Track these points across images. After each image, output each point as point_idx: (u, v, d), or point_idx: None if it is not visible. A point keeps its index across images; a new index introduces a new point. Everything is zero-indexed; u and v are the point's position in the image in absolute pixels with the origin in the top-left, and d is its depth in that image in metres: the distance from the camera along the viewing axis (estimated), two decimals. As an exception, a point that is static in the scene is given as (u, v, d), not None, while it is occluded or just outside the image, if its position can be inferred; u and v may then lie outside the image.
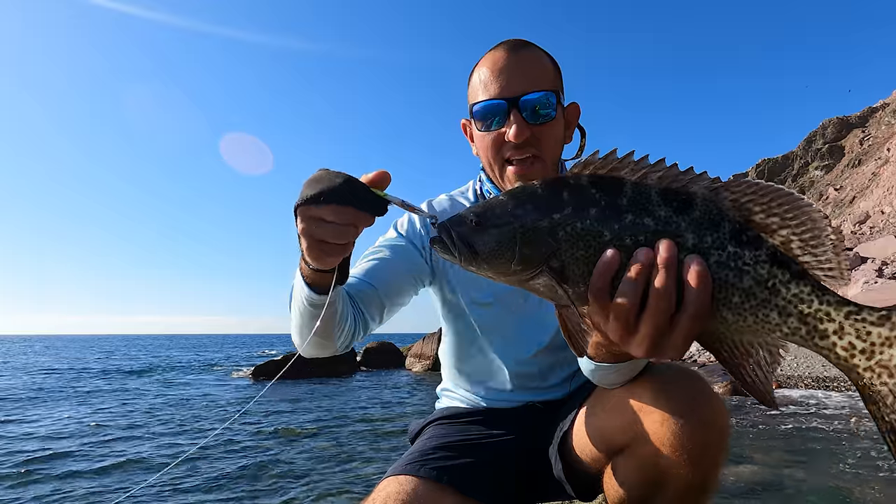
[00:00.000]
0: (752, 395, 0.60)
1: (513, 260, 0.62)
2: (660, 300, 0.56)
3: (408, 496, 0.98)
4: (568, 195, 0.60)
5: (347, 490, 4.55)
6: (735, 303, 0.57)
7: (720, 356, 0.61)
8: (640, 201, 0.59)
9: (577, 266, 0.60)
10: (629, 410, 0.94)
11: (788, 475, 4.65)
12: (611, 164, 0.61)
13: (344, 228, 0.73)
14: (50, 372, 18.28)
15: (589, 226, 0.59)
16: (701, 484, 0.89)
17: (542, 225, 0.61)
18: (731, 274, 0.57)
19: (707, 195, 0.58)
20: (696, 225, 0.57)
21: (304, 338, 0.98)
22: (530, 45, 1.13)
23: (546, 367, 1.24)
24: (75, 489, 4.58)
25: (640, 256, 0.57)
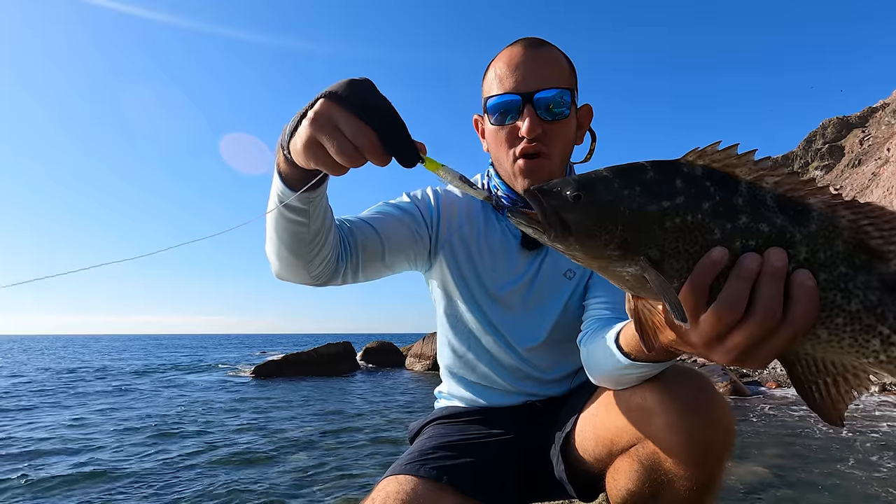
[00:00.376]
0: (816, 412, 0.58)
1: (611, 244, 0.57)
2: (765, 312, 0.53)
3: (407, 496, 0.98)
4: (681, 183, 0.56)
5: (347, 490, 4.55)
6: (836, 324, 0.54)
7: (793, 370, 0.58)
8: (755, 204, 0.55)
9: (678, 261, 0.56)
10: (634, 410, 0.94)
11: (788, 475, 4.65)
12: (729, 158, 0.56)
13: (354, 152, 0.66)
14: (56, 372, 18.29)
15: (700, 220, 0.55)
16: (706, 484, 0.89)
17: (651, 210, 0.56)
18: (839, 295, 0.54)
19: (824, 210, 0.55)
20: (811, 239, 0.54)
21: (276, 252, 0.92)
22: (548, 44, 1.13)
23: (546, 362, 1.24)
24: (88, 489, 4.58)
25: (750, 262, 0.54)
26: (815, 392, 0.57)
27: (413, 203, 1.22)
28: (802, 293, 0.53)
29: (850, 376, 0.57)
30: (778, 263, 0.53)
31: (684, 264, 0.56)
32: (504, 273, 1.22)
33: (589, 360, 1.03)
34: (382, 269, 1.13)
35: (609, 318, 1.07)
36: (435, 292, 1.32)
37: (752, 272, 0.54)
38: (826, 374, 0.57)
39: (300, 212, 0.84)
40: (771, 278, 0.53)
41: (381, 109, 0.66)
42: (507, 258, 1.22)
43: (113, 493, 4.49)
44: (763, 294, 0.53)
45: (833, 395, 0.57)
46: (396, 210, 1.17)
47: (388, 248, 1.10)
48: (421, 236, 1.19)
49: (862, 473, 4.67)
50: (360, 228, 1.06)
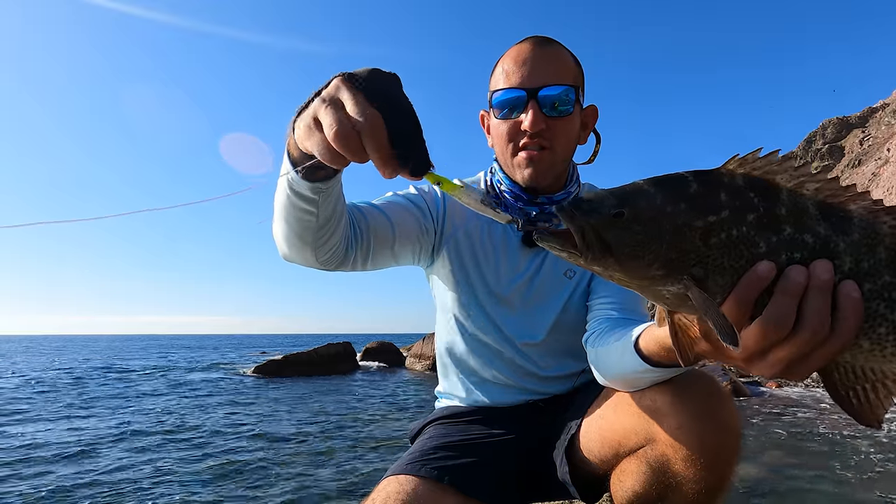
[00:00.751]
0: (853, 417, 0.56)
1: (654, 263, 0.54)
2: (813, 328, 0.51)
3: (408, 496, 0.97)
4: (725, 196, 0.53)
5: (347, 489, 4.55)
6: (879, 333, 0.53)
7: (830, 378, 0.57)
8: (798, 213, 0.53)
9: (723, 277, 0.54)
10: (643, 412, 0.93)
11: (789, 475, 4.65)
12: (769, 165, 0.54)
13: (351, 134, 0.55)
14: (67, 371, 18.29)
15: (746, 234, 0.53)
16: (714, 488, 0.88)
17: (697, 226, 0.53)
18: (882, 304, 0.53)
19: (866, 217, 0.53)
20: (854, 248, 0.53)
21: (284, 236, 0.89)
22: (556, 43, 1.14)
23: (546, 360, 1.23)
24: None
25: (797, 276, 0.51)
26: (853, 398, 0.56)
27: (421, 196, 1.21)
28: (849, 305, 0.51)
29: (890, 382, 0.55)
30: (825, 276, 0.51)
31: (729, 280, 0.54)
32: (505, 270, 1.21)
33: (599, 361, 1.02)
34: (390, 258, 1.12)
35: (617, 319, 1.06)
36: (435, 288, 1.31)
37: (799, 286, 0.51)
38: (865, 381, 0.56)
39: (309, 201, 0.79)
40: (818, 292, 0.51)
41: (397, 101, 0.58)
42: (508, 255, 1.21)
43: (111, 493, 4.49)
44: (811, 309, 0.51)
45: (872, 401, 0.55)
46: (405, 200, 1.17)
47: (399, 235, 1.09)
48: (427, 230, 1.18)
49: (862, 474, 4.66)
50: (371, 214, 1.05)
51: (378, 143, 0.56)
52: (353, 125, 0.56)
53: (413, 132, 0.59)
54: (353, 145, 0.56)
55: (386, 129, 0.56)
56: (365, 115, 0.55)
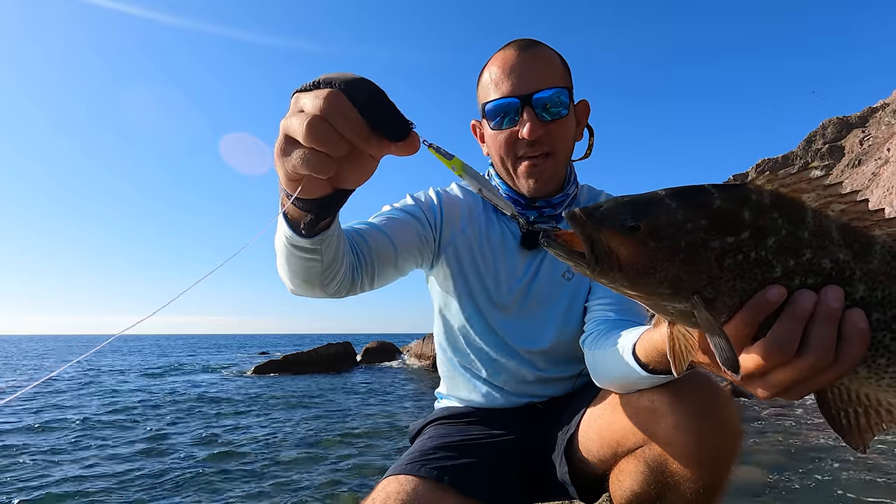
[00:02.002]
0: (842, 437, 0.56)
1: (665, 282, 0.51)
2: (817, 354, 0.50)
3: (408, 496, 0.97)
4: (749, 215, 0.51)
5: (347, 489, 4.55)
6: (879, 364, 0.52)
7: (824, 398, 0.56)
8: (820, 237, 0.51)
9: (731, 298, 0.52)
10: (641, 412, 0.93)
11: (788, 476, 4.65)
12: (799, 182, 0.52)
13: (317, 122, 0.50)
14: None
15: (763, 258, 0.51)
16: (712, 487, 0.89)
17: (713, 246, 0.50)
18: (888, 336, 0.51)
19: (888, 243, 0.51)
20: (870, 277, 0.51)
21: (288, 278, 0.89)
22: (540, 44, 1.13)
23: (546, 364, 1.23)
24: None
25: (805, 303, 0.50)
26: (844, 419, 0.55)
27: (417, 205, 1.21)
28: (855, 335, 0.50)
29: (883, 411, 0.54)
30: (834, 304, 0.50)
31: (738, 301, 0.52)
32: (504, 274, 1.21)
33: (596, 364, 1.02)
34: (395, 273, 1.13)
35: (615, 320, 1.06)
36: (434, 291, 1.31)
37: (806, 312, 0.50)
38: (858, 405, 0.55)
39: (311, 251, 0.79)
40: (825, 320, 0.50)
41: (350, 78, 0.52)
42: (506, 259, 1.21)
43: (109, 493, 4.49)
44: (815, 335, 0.50)
45: (862, 425, 0.55)
46: (403, 213, 1.16)
47: (400, 252, 1.09)
48: (427, 239, 1.18)
49: (862, 477, 4.66)
50: (371, 236, 1.05)
51: (349, 120, 0.51)
52: (320, 115, 0.50)
53: (377, 96, 0.52)
54: (328, 134, 0.51)
55: (351, 104, 0.51)
56: (325, 99, 0.50)
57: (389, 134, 0.53)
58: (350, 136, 0.51)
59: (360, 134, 0.52)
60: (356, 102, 0.51)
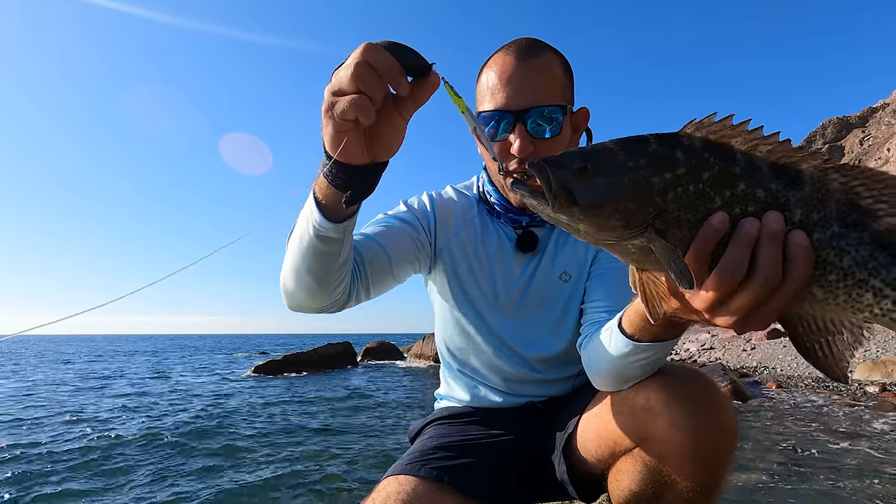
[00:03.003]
0: (820, 370, 0.61)
1: (614, 215, 0.58)
2: (766, 274, 0.55)
3: (408, 496, 0.98)
4: (682, 155, 0.58)
5: (347, 489, 4.55)
6: (830, 280, 0.57)
7: (795, 331, 0.61)
8: (752, 171, 0.58)
9: (681, 229, 0.58)
10: (639, 411, 0.93)
11: (788, 478, 4.65)
12: (724, 129, 0.59)
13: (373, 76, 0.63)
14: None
15: (701, 190, 0.57)
16: (709, 485, 0.89)
17: (655, 181, 0.57)
18: (832, 253, 0.56)
19: (816, 174, 0.57)
20: (804, 202, 0.57)
21: (297, 278, 0.90)
22: (542, 50, 1.09)
23: (545, 365, 1.24)
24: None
25: (749, 227, 0.55)
26: (819, 351, 0.60)
27: (411, 212, 1.22)
28: (799, 252, 0.55)
29: (847, 333, 0.59)
30: (775, 226, 0.55)
31: (687, 233, 0.58)
32: (500, 277, 1.22)
33: (590, 359, 1.03)
34: (393, 282, 1.13)
35: (607, 321, 1.06)
36: (433, 294, 1.32)
37: (751, 236, 0.55)
38: (826, 333, 0.60)
39: (334, 241, 0.83)
40: (770, 240, 0.55)
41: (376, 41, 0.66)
42: (502, 261, 1.22)
43: (114, 490, 4.49)
44: (763, 256, 0.55)
45: (835, 353, 0.60)
46: (397, 221, 1.17)
47: (395, 261, 1.10)
48: (422, 244, 1.19)
49: (862, 479, 4.66)
50: (366, 247, 1.05)
51: (384, 61, 0.63)
52: (361, 59, 0.63)
53: (400, 45, 0.65)
54: (369, 75, 0.63)
55: (384, 49, 0.64)
56: (363, 48, 0.63)
57: (416, 71, 0.66)
58: (386, 76, 0.63)
59: (393, 71, 0.63)
60: (387, 49, 0.64)
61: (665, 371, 0.94)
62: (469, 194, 1.29)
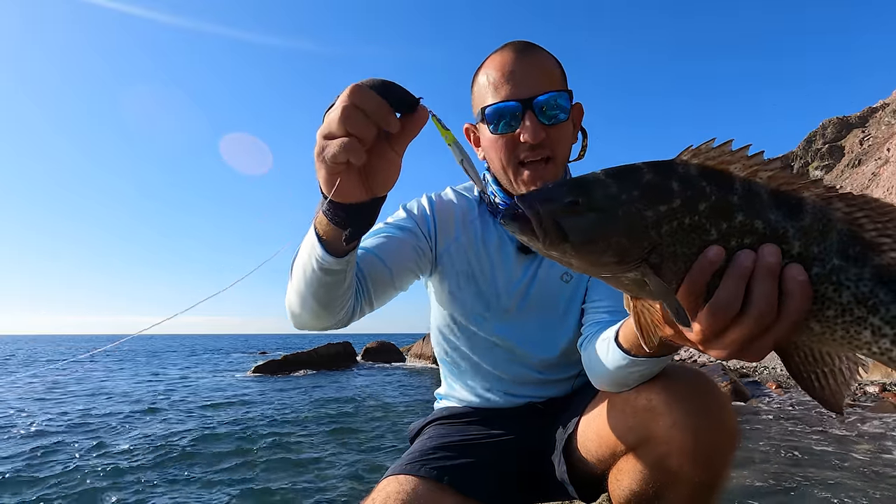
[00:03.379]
0: (817, 400, 0.58)
1: (608, 251, 0.56)
2: (760, 309, 0.54)
3: (408, 496, 0.98)
4: (678, 185, 0.55)
5: (346, 489, 4.55)
6: (828, 316, 0.55)
7: (791, 361, 0.59)
8: (750, 201, 0.55)
9: (676, 263, 0.56)
10: (639, 412, 0.93)
11: (788, 477, 4.65)
12: (723, 155, 0.56)
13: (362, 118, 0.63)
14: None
15: (697, 222, 0.55)
16: (710, 485, 0.89)
17: (649, 215, 0.55)
18: (830, 288, 0.54)
19: (818, 204, 0.55)
20: (804, 233, 0.54)
21: (303, 305, 0.93)
22: (537, 47, 1.12)
23: (547, 367, 1.24)
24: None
25: (744, 260, 0.54)
26: (815, 382, 0.58)
27: (410, 218, 1.21)
28: (796, 288, 0.53)
29: (845, 368, 0.57)
30: (771, 259, 0.53)
31: (682, 266, 0.56)
32: (502, 279, 1.21)
33: (590, 362, 1.03)
34: (394, 292, 1.14)
35: (607, 322, 1.06)
36: (433, 296, 1.31)
37: (746, 270, 0.54)
38: (823, 365, 0.58)
39: (338, 272, 0.85)
40: (765, 275, 0.53)
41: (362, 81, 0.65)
42: (504, 263, 1.21)
43: (118, 487, 4.49)
44: (758, 291, 0.54)
45: (832, 385, 0.58)
46: (397, 230, 1.16)
47: (396, 273, 1.10)
48: (423, 250, 1.19)
49: (862, 479, 4.67)
50: (367, 262, 1.06)
51: (372, 101, 0.63)
52: (349, 102, 0.63)
53: (387, 83, 0.65)
54: (358, 117, 0.63)
55: (370, 90, 0.64)
56: (350, 90, 0.63)
57: (404, 107, 0.66)
58: (374, 116, 0.63)
59: (381, 111, 0.64)
60: (373, 89, 0.64)
61: (666, 371, 0.94)
62: (469, 195, 1.28)
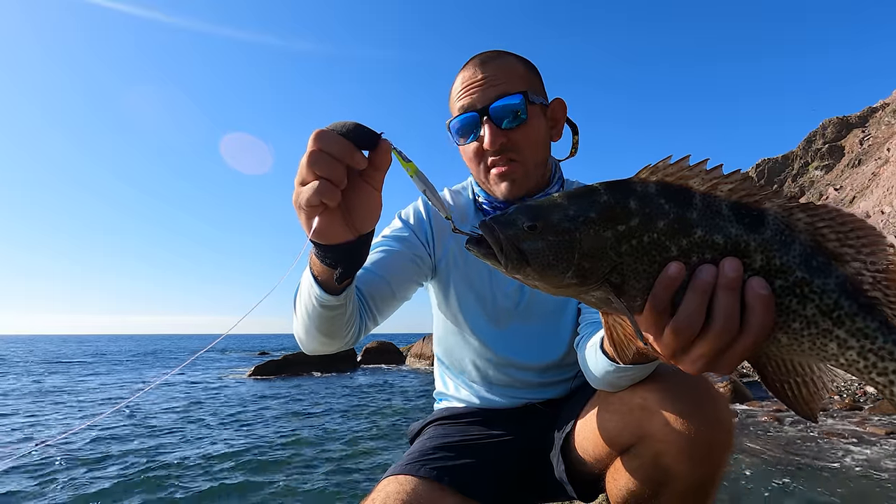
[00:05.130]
0: (792, 410, 0.58)
1: (568, 272, 0.56)
2: (723, 324, 0.54)
3: (408, 496, 0.98)
4: (636, 204, 0.56)
5: (346, 489, 4.56)
6: (794, 328, 0.55)
7: (764, 371, 0.59)
8: (710, 215, 0.55)
9: (638, 280, 0.57)
10: (635, 410, 0.94)
11: (788, 477, 4.65)
12: (681, 171, 0.56)
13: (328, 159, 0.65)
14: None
15: (656, 239, 0.55)
16: (706, 483, 0.90)
17: (607, 236, 0.56)
18: (794, 300, 0.54)
19: (780, 214, 0.55)
20: (766, 246, 0.54)
21: (309, 336, 0.96)
22: (500, 55, 1.15)
23: (547, 372, 1.24)
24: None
25: (705, 275, 0.54)
26: (788, 391, 0.58)
27: (406, 226, 1.23)
28: (757, 302, 0.53)
29: (816, 378, 0.57)
30: (732, 274, 0.53)
31: (645, 283, 0.57)
32: (497, 281, 1.22)
33: (583, 364, 1.04)
34: (397, 303, 1.16)
35: (601, 322, 1.07)
36: (433, 299, 1.32)
37: (707, 284, 0.54)
38: (795, 375, 0.58)
39: (338, 307, 0.88)
40: (725, 289, 0.54)
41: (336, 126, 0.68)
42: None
43: (104, 496, 4.49)
44: (719, 306, 0.54)
45: (805, 395, 0.58)
46: (395, 242, 1.18)
47: (398, 288, 1.12)
48: (422, 257, 1.20)
49: (861, 478, 4.67)
50: (367, 282, 1.08)
51: (336, 142, 0.65)
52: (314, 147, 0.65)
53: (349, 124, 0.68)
54: (324, 159, 0.65)
55: (334, 132, 0.66)
56: (314, 136, 0.66)
57: (367, 143, 0.67)
58: (340, 156, 0.65)
59: (345, 151, 0.65)
60: (335, 131, 0.66)
61: (660, 370, 0.95)
62: (465, 194, 1.30)
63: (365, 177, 0.70)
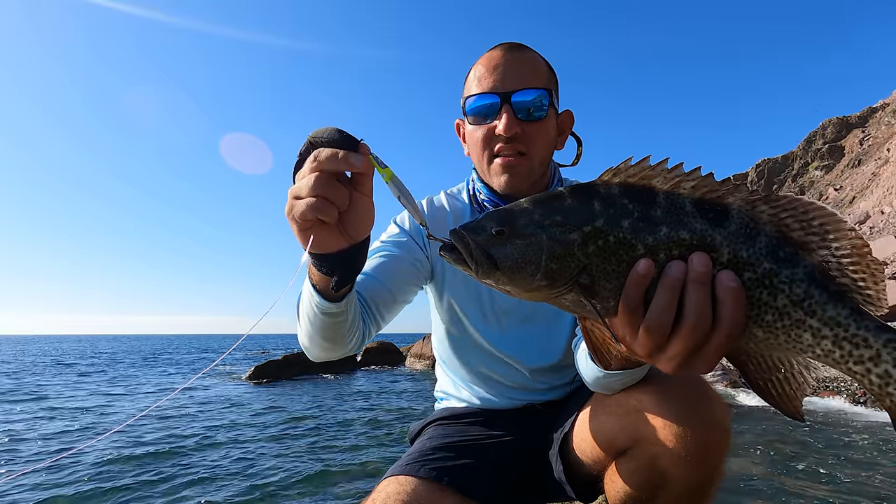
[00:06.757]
0: (777, 408, 0.58)
1: (536, 275, 0.57)
2: (695, 317, 0.54)
3: (408, 496, 0.98)
4: (599, 205, 0.56)
5: (346, 490, 4.56)
6: (767, 321, 0.55)
7: (746, 369, 0.59)
8: (674, 212, 0.56)
9: (608, 281, 0.57)
10: (631, 412, 0.94)
11: (787, 475, 4.65)
12: (643, 171, 0.57)
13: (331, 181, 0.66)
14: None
15: (623, 239, 0.56)
16: (703, 483, 0.90)
17: (573, 238, 0.56)
18: (765, 292, 0.54)
19: (743, 208, 0.55)
20: (732, 239, 0.55)
21: (313, 344, 0.97)
22: (527, 48, 1.14)
23: (546, 376, 1.25)
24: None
25: (673, 271, 0.54)
26: (771, 389, 0.58)
27: (403, 231, 1.23)
28: (727, 295, 0.53)
29: (797, 373, 0.57)
30: (700, 269, 0.53)
31: (615, 283, 0.57)
32: None
33: (578, 367, 1.05)
34: (399, 307, 1.16)
35: None
36: (432, 302, 1.33)
37: (677, 281, 0.54)
38: (776, 371, 0.58)
39: (339, 314, 0.88)
40: (695, 284, 0.53)
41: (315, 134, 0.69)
42: None
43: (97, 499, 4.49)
44: (690, 301, 0.54)
45: (787, 391, 0.58)
46: (393, 248, 1.18)
47: (397, 291, 1.13)
48: (420, 261, 1.20)
49: (861, 474, 4.67)
50: (368, 288, 1.08)
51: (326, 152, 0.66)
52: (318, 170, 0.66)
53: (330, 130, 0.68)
54: (327, 182, 0.66)
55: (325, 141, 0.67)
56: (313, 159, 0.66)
57: (349, 150, 0.67)
58: (331, 165, 0.65)
59: (343, 162, 0.65)
60: (323, 140, 0.67)
61: (656, 372, 0.95)
62: (461, 199, 1.30)
63: (354, 184, 0.70)
